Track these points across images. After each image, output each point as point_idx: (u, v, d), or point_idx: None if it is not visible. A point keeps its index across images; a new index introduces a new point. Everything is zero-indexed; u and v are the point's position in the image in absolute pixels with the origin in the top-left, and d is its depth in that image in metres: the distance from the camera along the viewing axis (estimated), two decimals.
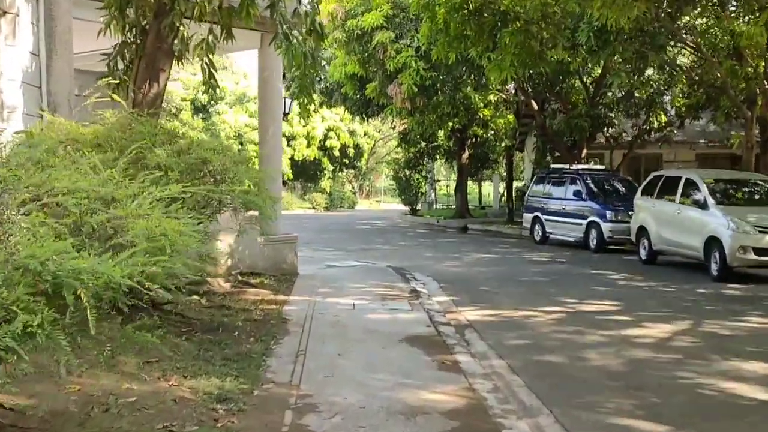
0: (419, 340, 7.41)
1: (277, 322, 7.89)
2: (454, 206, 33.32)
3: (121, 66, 8.29)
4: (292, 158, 40.70)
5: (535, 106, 22.62)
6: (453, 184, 39.08)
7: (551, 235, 19.26)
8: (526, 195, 21.30)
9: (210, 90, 7.99)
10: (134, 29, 7.97)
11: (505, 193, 31.09)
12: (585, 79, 22.33)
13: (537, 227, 19.83)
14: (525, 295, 10.84)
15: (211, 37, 7.79)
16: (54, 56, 7.97)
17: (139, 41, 7.99)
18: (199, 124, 36.89)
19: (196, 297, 8.69)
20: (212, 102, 37.27)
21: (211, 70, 7.88)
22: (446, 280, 12.16)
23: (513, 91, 27.61)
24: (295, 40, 8.42)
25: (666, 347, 7.60)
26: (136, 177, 4.85)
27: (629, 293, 11.29)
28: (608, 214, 17.21)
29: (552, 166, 21.01)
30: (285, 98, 14.87)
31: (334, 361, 6.42)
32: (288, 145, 40.36)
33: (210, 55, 7.90)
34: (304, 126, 40.63)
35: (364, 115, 27.46)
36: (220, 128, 36.37)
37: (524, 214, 20.85)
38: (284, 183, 43.72)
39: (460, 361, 6.62)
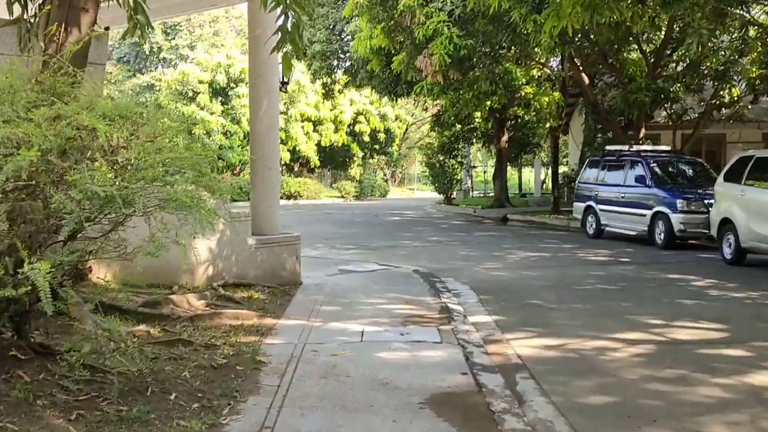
0: (451, 401, 4.94)
1: (247, 369, 5.47)
2: (491, 194, 30.73)
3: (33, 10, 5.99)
4: (318, 144, 38.40)
5: (586, 81, 19.84)
6: (490, 171, 36.47)
7: (607, 228, 16.58)
8: (577, 182, 18.61)
9: (138, 32, 5.56)
10: None
11: (549, 180, 28.46)
12: (645, 48, 19.47)
13: (590, 218, 17.16)
14: (591, 313, 8.29)
15: None
16: None
17: None
18: (218, 108, 34.63)
19: (141, 328, 6.34)
20: (232, 85, 34.97)
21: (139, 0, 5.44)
22: (487, 290, 9.66)
23: (558, 66, 24.93)
24: None
25: None
26: None
27: (729, 309, 8.65)
28: (679, 203, 14.47)
29: (608, 148, 18.25)
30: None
31: None
32: (314, 131, 38.13)
33: None
34: (331, 110, 38.25)
35: (392, 95, 24.89)
36: (240, 112, 34.10)
37: (574, 204, 18.19)
38: (312, 170, 41.59)
39: None
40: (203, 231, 3.91)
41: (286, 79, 17.17)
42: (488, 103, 22.05)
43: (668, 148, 18.31)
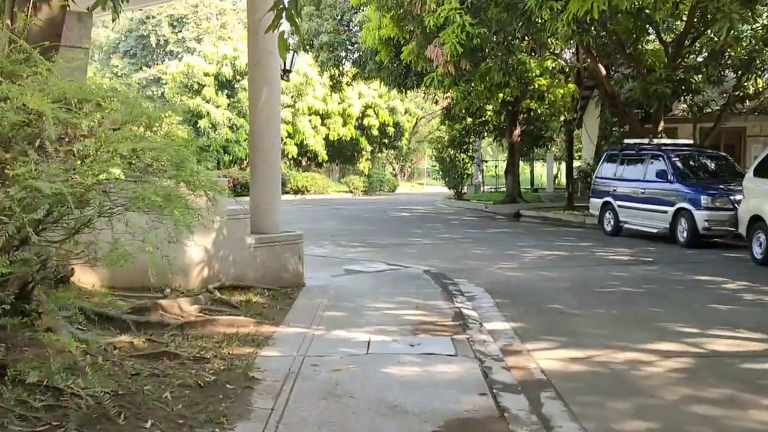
0: (469, 430, 4.30)
1: (238, 388, 4.85)
2: (503, 189, 30.02)
3: None
4: (326, 138, 37.78)
5: (603, 72, 19.09)
6: (502, 165, 35.78)
7: (626, 225, 15.87)
8: (594, 177, 17.88)
9: (110, 5, 4.92)
10: None
11: (562, 175, 27.75)
12: (664, 37, 18.70)
13: (608, 215, 16.46)
14: (618, 320, 7.63)
15: None
16: None
17: None
18: (224, 101, 34.01)
19: (124, 339, 5.72)
20: (238, 77, 34.34)
21: None
22: (503, 293, 9.01)
23: (572, 58, 24.20)
24: None
25: None
26: None
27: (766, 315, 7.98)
28: (703, 199, 13.74)
29: (626, 141, 17.50)
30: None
31: None
32: (322, 124, 37.50)
33: None
34: (339, 103, 37.59)
35: (401, 87, 24.17)
36: (246, 105, 33.47)
37: (591, 200, 17.48)
38: (320, 165, 40.96)
39: None
40: (178, 236, 3.27)
41: (288, 67, 16.43)
42: (500, 95, 21.29)
43: (690, 141, 17.54)
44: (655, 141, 16.43)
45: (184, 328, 6.32)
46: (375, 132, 39.66)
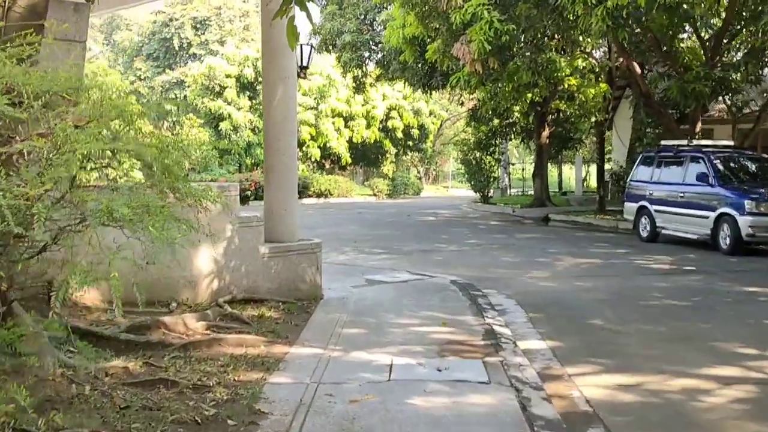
0: None
1: (241, 424, 4.23)
2: (530, 192, 29.26)
3: None
4: (350, 140, 37.21)
5: (638, 70, 18.29)
6: (529, 168, 35.01)
7: (663, 231, 15.07)
8: (628, 180, 17.09)
9: None
10: None
11: (591, 178, 26.92)
12: (702, 34, 17.86)
13: (643, 220, 15.66)
14: (667, 339, 6.92)
15: None
16: None
17: None
18: (245, 103, 33.57)
19: (117, 363, 5.13)
20: (260, 79, 33.85)
21: None
22: (536, 306, 8.33)
23: (603, 56, 23.44)
24: None
25: None
26: None
27: None
28: (747, 204, 12.94)
29: (663, 142, 16.67)
30: (302, 45, 10.96)
31: None
32: (346, 126, 36.95)
33: None
34: (363, 105, 37.02)
35: (426, 88, 23.49)
36: None
37: (626, 204, 16.69)
38: (343, 167, 40.41)
39: None
40: (155, 257, 2.67)
41: (305, 63, 15.78)
42: (529, 95, 20.59)
43: (731, 143, 16.68)
44: (695, 142, 15.62)
45: (187, 348, 5.74)
46: (399, 134, 39.03)
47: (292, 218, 8.25)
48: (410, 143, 40.69)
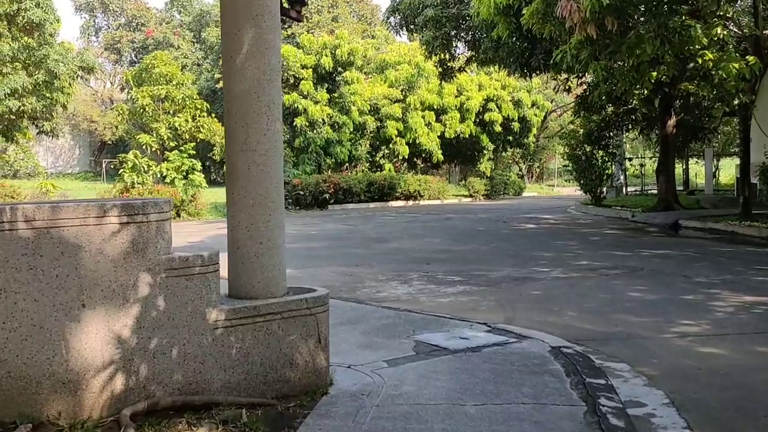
0: None
1: None
2: (650, 192, 24.90)
3: None
4: (442, 135, 33.69)
5: None
6: (648, 163, 30.43)
7: None
8: None
9: None
10: None
11: (721, 174, 22.31)
12: None
13: None
14: None
15: None
16: None
17: None
18: (324, 96, 30.56)
19: None
20: (339, 68, 30.86)
21: None
22: (708, 410, 4.61)
23: (750, 21, 18.92)
24: None
25: None
26: None
27: None
28: None
29: None
30: None
31: None
32: (437, 121, 33.46)
33: None
34: (456, 96, 33.41)
35: (524, 70, 19.64)
36: (349, 101, 29.98)
37: None
38: (436, 166, 36.92)
39: None
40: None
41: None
42: (654, 74, 16.46)
43: None
44: None
45: None
46: (498, 128, 35.19)
47: (275, 256, 4.85)
48: (510, 138, 36.78)
